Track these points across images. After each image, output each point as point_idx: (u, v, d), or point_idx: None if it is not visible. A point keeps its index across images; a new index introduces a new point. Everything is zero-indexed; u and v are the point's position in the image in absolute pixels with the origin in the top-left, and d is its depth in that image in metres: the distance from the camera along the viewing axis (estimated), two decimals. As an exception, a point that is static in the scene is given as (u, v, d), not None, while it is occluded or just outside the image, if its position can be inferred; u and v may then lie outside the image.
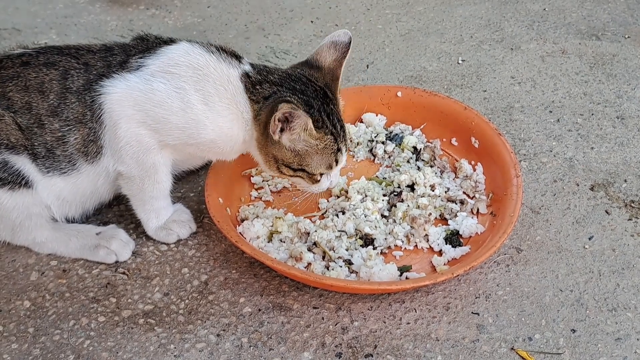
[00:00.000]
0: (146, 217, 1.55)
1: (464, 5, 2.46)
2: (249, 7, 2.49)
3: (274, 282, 1.47)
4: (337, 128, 1.41)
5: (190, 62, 1.39)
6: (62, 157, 1.41)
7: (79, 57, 1.42)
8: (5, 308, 1.44)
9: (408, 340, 1.35)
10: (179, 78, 1.38)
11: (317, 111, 1.38)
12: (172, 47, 1.42)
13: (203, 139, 1.40)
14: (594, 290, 1.44)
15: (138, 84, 1.37)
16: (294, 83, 1.41)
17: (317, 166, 1.42)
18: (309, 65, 1.46)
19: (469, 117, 1.71)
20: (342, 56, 1.45)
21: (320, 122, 1.38)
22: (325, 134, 1.39)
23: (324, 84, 1.44)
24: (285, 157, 1.40)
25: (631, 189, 1.68)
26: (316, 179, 1.45)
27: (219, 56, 1.40)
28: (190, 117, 1.38)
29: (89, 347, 1.35)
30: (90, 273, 1.51)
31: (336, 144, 1.42)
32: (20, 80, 1.39)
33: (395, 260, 1.50)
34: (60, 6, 2.50)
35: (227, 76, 1.39)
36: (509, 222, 1.45)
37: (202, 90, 1.38)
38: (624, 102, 1.96)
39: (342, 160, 1.47)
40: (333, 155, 1.43)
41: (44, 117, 1.39)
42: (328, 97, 1.42)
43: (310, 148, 1.40)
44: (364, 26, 2.37)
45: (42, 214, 1.48)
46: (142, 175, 1.45)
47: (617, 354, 1.32)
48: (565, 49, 2.20)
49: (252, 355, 1.33)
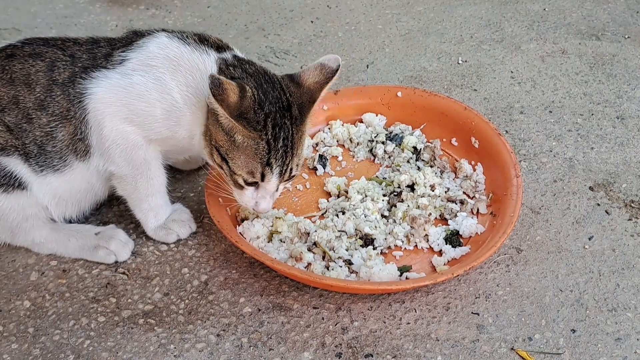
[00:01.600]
0: (144, 217, 1.54)
1: (464, 6, 2.46)
2: (249, 7, 2.49)
3: (274, 282, 1.47)
4: (277, 142, 1.33)
5: (166, 54, 1.38)
6: (53, 154, 1.41)
7: (65, 49, 1.41)
8: (5, 308, 1.44)
9: (408, 340, 1.35)
10: (156, 70, 1.38)
11: (264, 114, 1.31)
12: (151, 40, 1.41)
13: (180, 133, 1.40)
14: (594, 291, 1.44)
15: (119, 80, 1.37)
16: (264, 82, 1.36)
17: (240, 166, 1.35)
18: (291, 79, 1.41)
19: (469, 117, 1.71)
20: (325, 81, 1.39)
21: (260, 125, 1.31)
22: (259, 138, 1.31)
23: (297, 101, 1.37)
24: (218, 137, 1.35)
25: (631, 189, 1.68)
26: (238, 182, 1.37)
27: (194, 46, 1.39)
28: (166, 106, 1.37)
29: (89, 347, 1.35)
30: (90, 273, 1.51)
31: (267, 155, 1.33)
32: (5, 73, 1.39)
33: (395, 260, 1.50)
34: (60, 6, 2.50)
35: (197, 63, 1.37)
36: (509, 222, 1.45)
37: (175, 79, 1.37)
38: (623, 102, 1.96)
39: (269, 180, 1.36)
40: (259, 166, 1.34)
41: (31, 111, 1.38)
42: (291, 113, 1.35)
43: (238, 142, 1.33)
44: (364, 26, 2.37)
45: (39, 215, 1.47)
46: (134, 173, 1.45)
47: (617, 354, 1.32)
48: (565, 49, 2.20)
49: (252, 355, 1.33)
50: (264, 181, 1.36)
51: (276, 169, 1.35)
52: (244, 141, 1.33)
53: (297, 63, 2.18)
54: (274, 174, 1.36)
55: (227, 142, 1.34)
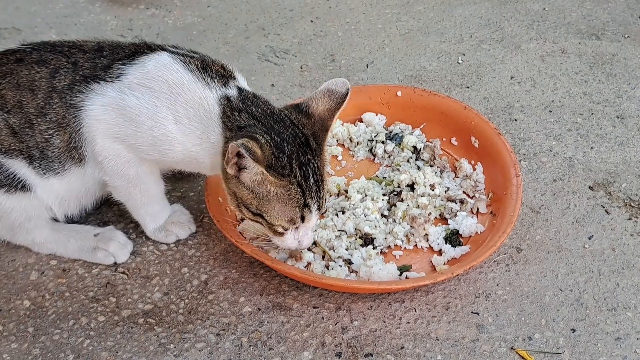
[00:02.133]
0: (142, 221, 1.54)
1: (464, 5, 2.46)
2: (249, 7, 2.49)
3: (273, 282, 1.47)
4: (308, 181, 1.28)
5: (165, 78, 1.33)
6: (53, 158, 1.41)
7: (70, 56, 1.40)
8: (5, 308, 1.44)
9: (408, 339, 1.35)
10: (152, 93, 1.33)
11: (287, 157, 1.27)
12: (153, 58, 1.36)
13: (173, 157, 1.37)
14: (593, 290, 1.44)
15: (113, 98, 1.34)
16: (274, 122, 1.31)
17: (277, 217, 1.30)
18: (299, 110, 1.36)
19: (468, 117, 1.71)
20: (335, 107, 1.35)
21: (287, 170, 1.26)
22: (289, 184, 1.27)
23: (311, 132, 1.32)
24: (244, 196, 1.30)
25: (631, 188, 1.68)
26: (277, 231, 1.33)
27: (198, 75, 1.34)
28: (158, 135, 1.33)
29: (89, 347, 1.35)
30: (90, 272, 1.51)
31: (303, 198, 1.28)
32: (13, 77, 1.39)
33: (395, 259, 1.50)
34: (60, 6, 2.50)
35: (200, 97, 1.32)
36: (509, 221, 1.45)
37: (172, 108, 1.32)
38: (623, 102, 1.96)
39: (310, 219, 1.32)
40: (297, 210, 1.29)
41: (32, 117, 1.38)
42: (309, 146, 1.31)
43: (269, 194, 1.28)
44: (364, 26, 2.37)
45: (42, 215, 1.48)
46: (127, 185, 1.43)
47: (617, 353, 1.32)
48: (565, 49, 2.20)
49: (252, 354, 1.33)
50: (305, 222, 1.32)
51: (314, 207, 1.32)
52: (275, 191, 1.27)
53: (297, 62, 2.18)
54: (313, 212, 1.32)
55: (256, 198, 1.29)
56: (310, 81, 2.09)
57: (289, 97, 2.01)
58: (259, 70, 2.15)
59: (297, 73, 2.14)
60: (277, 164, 1.26)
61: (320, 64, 2.17)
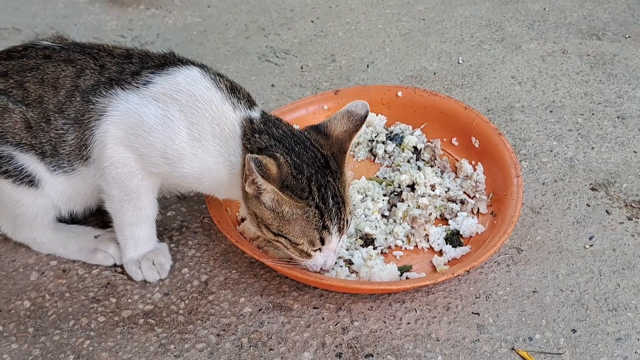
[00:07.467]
0: (124, 244, 1.48)
1: (464, 5, 2.46)
2: (249, 7, 2.49)
3: (274, 282, 1.47)
4: (327, 203, 1.28)
5: (194, 92, 1.33)
6: (63, 156, 1.41)
7: (98, 58, 1.41)
8: (5, 308, 1.44)
9: (408, 340, 1.35)
10: (178, 106, 1.33)
11: (306, 178, 1.27)
12: (183, 71, 1.37)
13: (185, 173, 1.36)
14: (594, 290, 1.44)
15: (136, 105, 1.34)
16: (294, 144, 1.31)
17: (298, 237, 1.30)
18: (318, 131, 1.36)
19: (469, 117, 1.71)
20: (354, 129, 1.34)
21: (305, 192, 1.27)
22: (307, 205, 1.27)
23: (330, 153, 1.33)
24: (264, 216, 1.30)
25: (631, 188, 1.68)
26: (304, 251, 1.32)
27: (227, 94, 1.35)
28: (175, 148, 1.33)
29: (89, 347, 1.35)
30: (90, 273, 1.51)
31: (322, 220, 1.28)
32: (39, 72, 1.40)
33: (396, 260, 1.50)
34: (60, 6, 2.50)
35: (226, 117, 1.33)
36: (510, 222, 1.44)
37: (197, 124, 1.33)
38: (624, 102, 1.96)
39: (330, 241, 1.31)
40: (316, 232, 1.29)
41: (50, 113, 1.39)
42: (329, 168, 1.31)
43: (288, 214, 1.28)
44: (364, 26, 2.37)
45: (48, 214, 1.48)
46: (122, 197, 1.41)
47: (618, 354, 1.32)
48: (566, 49, 2.20)
49: (252, 355, 1.33)
50: (325, 244, 1.32)
51: (334, 229, 1.31)
52: (293, 212, 1.28)
53: (298, 63, 2.18)
54: (333, 234, 1.31)
55: (276, 218, 1.29)
56: (311, 81, 2.09)
57: (289, 97, 2.01)
58: (259, 70, 2.15)
59: (297, 73, 2.14)
60: (295, 186, 1.26)
61: (321, 64, 2.17)
